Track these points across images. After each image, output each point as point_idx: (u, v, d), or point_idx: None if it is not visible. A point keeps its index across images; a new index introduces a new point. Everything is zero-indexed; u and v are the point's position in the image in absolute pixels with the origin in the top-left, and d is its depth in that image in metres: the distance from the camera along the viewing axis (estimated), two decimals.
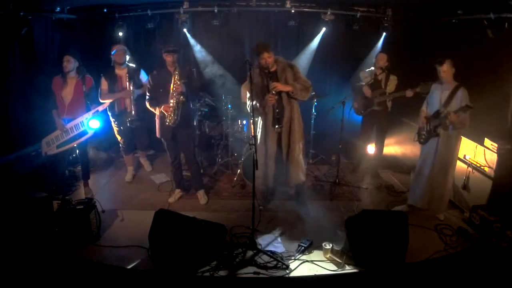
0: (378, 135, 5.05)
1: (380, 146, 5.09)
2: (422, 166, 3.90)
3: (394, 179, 5.11)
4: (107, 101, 4.41)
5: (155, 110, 3.98)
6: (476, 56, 4.45)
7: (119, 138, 4.80)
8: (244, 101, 5.18)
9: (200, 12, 5.48)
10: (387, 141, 5.19)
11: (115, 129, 4.72)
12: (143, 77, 4.61)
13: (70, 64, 4.06)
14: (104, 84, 4.45)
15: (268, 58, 3.56)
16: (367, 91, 4.74)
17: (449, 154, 3.75)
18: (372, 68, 4.89)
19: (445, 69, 3.61)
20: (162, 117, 3.94)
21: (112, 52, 4.47)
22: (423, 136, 3.87)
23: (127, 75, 4.45)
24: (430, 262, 3.18)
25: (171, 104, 3.82)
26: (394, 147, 5.48)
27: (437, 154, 3.74)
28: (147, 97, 4.01)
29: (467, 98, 3.53)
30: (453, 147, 3.74)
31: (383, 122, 4.94)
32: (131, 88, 4.41)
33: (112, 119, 4.65)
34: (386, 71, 4.69)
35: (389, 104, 4.80)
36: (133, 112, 4.46)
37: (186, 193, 4.48)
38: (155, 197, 4.47)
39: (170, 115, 3.84)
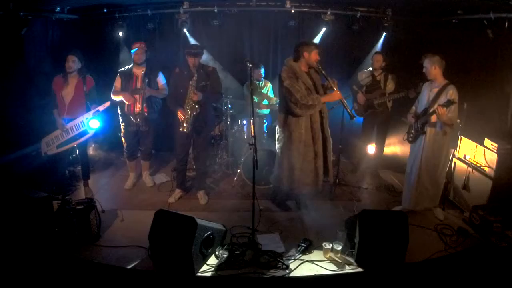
0: (379, 135, 5.04)
1: (380, 146, 5.09)
2: (412, 166, 3.89)
3: (394, 179, 5.11)
4: (116, 99, 4.31)
5: (174, 110, 4.02)
6: (476, 56, 4.46)
7: (123, 141, 4.62)
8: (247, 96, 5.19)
9: (200, 12, 5.48)
10: (387, 141, 5.18)
11: (122, 130, 4.56)
12: (161, 80, 4.45)
13: (74, 64, 4.05)
14: (118, 81, 4.36)
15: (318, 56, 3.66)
16: (361, 99, 4.75)
17: (437, 155, 3.73)
18: (370, 68, 4.89)
19: (426, 65, 3.62)
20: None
21: (132, 51, 4.35)
22: (411, 135, 3.87)
23: (142, 75, 4.29)
24: (430, 262, 3.18)
25: (185, 113, 3.89)
26: (394, 147, 5.48)
27: (423, 153, 3.73)
28: (167, 93, 4.12)
29: (454, 95, 3.48)
30: (440, 146, 3.71)
31: (384, 123, 4.94)
32: (143, 89, 4.22)
33: (120, 119, 4.51)
34: (384, 71, 4.68)
35: (389, 104, 4.80)
36: (138, 111, 4.27)
37: (186, 193, 4.48)
38: (155, 197, 4.47)
39: (184, 124, 3.90)
